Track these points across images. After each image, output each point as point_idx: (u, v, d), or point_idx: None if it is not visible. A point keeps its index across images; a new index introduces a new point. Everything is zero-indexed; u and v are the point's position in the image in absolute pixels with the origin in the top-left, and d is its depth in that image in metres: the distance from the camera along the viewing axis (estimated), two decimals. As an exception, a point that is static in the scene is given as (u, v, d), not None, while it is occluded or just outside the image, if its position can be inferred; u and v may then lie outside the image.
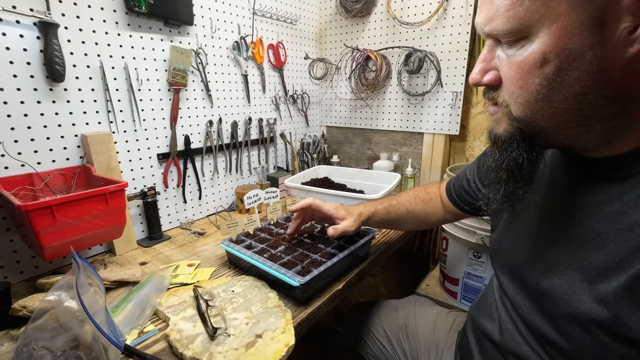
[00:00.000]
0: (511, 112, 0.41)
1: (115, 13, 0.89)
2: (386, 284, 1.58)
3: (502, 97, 0.42)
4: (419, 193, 0.85)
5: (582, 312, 0.41)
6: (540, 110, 0.39)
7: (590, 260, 0.41)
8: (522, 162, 0.43)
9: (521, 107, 0.40)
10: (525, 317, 0.51)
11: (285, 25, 1.43)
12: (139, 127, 0.99)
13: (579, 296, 0.41)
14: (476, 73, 0.43)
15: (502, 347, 0.56)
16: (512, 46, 0.38)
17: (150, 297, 0.70)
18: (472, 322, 0.66)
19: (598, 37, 0.34)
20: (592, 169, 0.44)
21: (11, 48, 0.74)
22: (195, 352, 0.55)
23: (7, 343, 0.60)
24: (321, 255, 0.77)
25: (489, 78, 0.42)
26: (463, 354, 0.68)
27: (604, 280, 0.39)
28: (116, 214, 0.78)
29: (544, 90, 0.38)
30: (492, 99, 0.44)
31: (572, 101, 0.37)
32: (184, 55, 1.04)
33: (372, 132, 1.58)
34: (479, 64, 0.43)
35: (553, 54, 0.36)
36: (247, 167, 1.36)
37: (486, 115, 1.32)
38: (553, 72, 0.36)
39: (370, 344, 0.90)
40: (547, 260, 0.48)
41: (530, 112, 0.40)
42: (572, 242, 0.45)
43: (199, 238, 1.05)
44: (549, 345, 0.47)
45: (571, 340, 0.43)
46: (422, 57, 1.30)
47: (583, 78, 0.35)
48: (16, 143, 0.78)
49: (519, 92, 0.39)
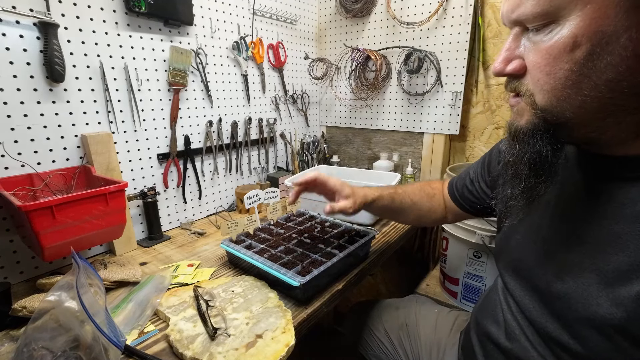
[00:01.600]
0: (535, 102, 0.39)
1: (115, 13, 0.89)
2: (386, 284, 1.59)
3: (525, 87, 0.40)
4: (425, 187, 0.83)
5: (600, 316, 0.39)
6: (568, 98, 0.37)
7: (608, 263, 0.40)
8: (545, 155, 0.41)
9: (547, 95, 0.38)
10: (534, 321, 0.49)
11: (285, 25, 1.43)
12: (139, 127, 0.99)
13: (597, 299, 0.40)
14: (499, 62, 0.41)
15: (507, 352, 0.54)
16: (539, 32, 0.37)
17: (151, 297, 0.70)
18: (476, 324, 0.64)
19: (635, 18, 0.32)
20: (613, 168, 0.42)
21: (11, 48, 0.74)
22: (195, 353, 0.55)
23: (8, 343, 0.60)
24: (321, 255, 0.77)
25: (513, 67, 0.40)
26: (466, 356, 0.67)
27: (624, 283, 0.38)
28: (116, 214, 0.78)
29: (573, 77, 0.36)
30: (515, 90, 0.42)
31: (603, 89, 0.35)
32: (184, 56, 1.04)
33: (372, 132, 1.58)
34: (503, 53, 0.41)
35: (585, 37, 0.34)
36: (247, 167, 1.36)
37: (486, 115, 1.33)
38: (584, 56, 0.34)
39: (371, 343, 0.90)
40: (559, 262, 0.46)
41: (556, 101, 0.38)
42: (587, 243, 0.43)
43: (199, 238, 1.05)
44: (561, 350, 0.45)
45: (587, 344, 0.42)
46: (422, 57, 1.30)
47: (616, 63, 0.33)
48: (16, 143, 0.78)
49: (545, 79, 0.38)
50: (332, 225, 0.95)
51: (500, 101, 1.28)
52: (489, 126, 1.34)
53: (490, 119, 1.32)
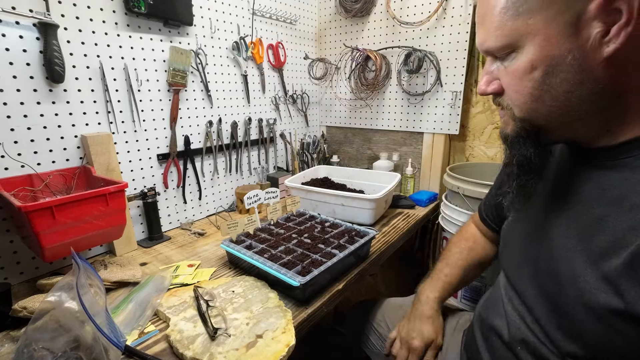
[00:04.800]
0: (514, 114, 0.47)
1: (114, 14, 0.89)
2: (386, 284, 1.59)
3: (506, 102, 0.48)
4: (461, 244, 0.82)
5: (588, 292, 0.43)
6: (537, 109, 0.44)
7: (592, 243, 0.44)
8: (529, 156, 0.48)
9: (520, 108, 0.46)
10: (531, 308, 0.52)
11: (284, 26, 1.43)
12: (138, 128, 0.99)
13: (584, 277, 0.43)
14: (482, 84, 0.50)
15: (510, 342, 0.56)
16: (505, 59, 0.45)
17: (151, 297, 0.70)
18: (480, 320, 0.66)
19: (575, 42, 0.39)
20: (594, 158, 0.48)
21: (11, 49, 0.74)
22: (195, 353, 0.55)
23: (8, 344, 0.60)
24: (321, 255, 0.77)
25: (493, 88, 0.48)
26: (469, 353, 0.68)
27: (605, 259, 0.42)
28: (116, 214, 0.78)
29: (535, 92, 0.43)
30: (499, 104, 0.50)
31: (563, 99, 0.42)
32: (184, 56, 1.04)
33: (372, 132, 1.58)
34: (483, 76, 0.49)
35: (539, 61, 0.41)
36: (247, 168, 1.36)
37: (486, 115, 1.33)
38: (541, 76, 0.42)
39: (374, 340, 0.90)
40: (549, 247, 0.50)
41: (528, 112, 0.45)
42: (574, 227, 0.47)
43: (199, 238, 1.05)
44: (554, 330, 0.48)
45: (576, 323, 0.45)
46: (422, 57, 1.30)
47: (569, 78, 0.41)
48: (16, 144, 0.78)
49: (516, 97, 0.45)
50: (332, 225, 0.95)
51: (500, 101, 1.28)
52: (488, 126, 1.34)
53: (490, 118, 1.32)
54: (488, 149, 1.36)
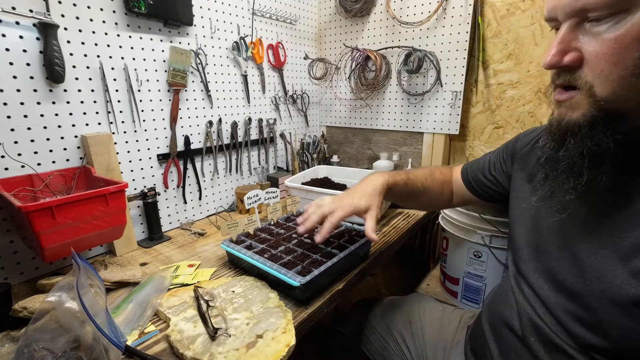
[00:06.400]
0: (595, 93, 0.39)
1: (114, 14, 0.89)
2: (386, 284, 1.59)
3: (583, 79, 0.40)
4: (435, 172, 0.82)
5: (616, 287, 0.41)
6: (634, 87, 0.38)
7: (625, 239, 0.42)
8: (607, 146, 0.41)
9: (611, 85, 0.38)
10: (546, 299, 0.51)
11: (284, 26, 1.43)
12: (138, 128, 0.99)
13: (613, 272, 0.42)
14: (554, 55, 0.41)
15: (521, 331, 0.55)
16: (601, 22, 0.37)
17: (151, 297, 0.70)
18: (488, 312, 0.65)
19: None
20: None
21: (11, 49, 0.74)
22: (196, 353, 0.55)
23: (8, 344, 0.60)
24: (321, 255, 0.77)
25: (571, 58, 0.40)
26: (476, 346, 0.67)
27: (637, 256, 0.40)
28: (116, 214, 0.78)
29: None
30: (567, 83, 0.42)
31: None
32: (184, 56, 1.04)
33: (372, 131, 1.58)
34: (557, 46, 0.41)
35: None
36: (247, 168, 1.36)
37: (486, 115, 1.32)
38: None
39: (373, 340, 0.90)
40: (576, 242, 0.48)
41: (620, 90, 0.38)
42: (605, 226, 0.45)
43: (199, 238, 1.05)
44: (573, 321, 0.47)
45: (597, 316, 0.43)
46: (422, 57, 1.30)
47: None
48: (16, 144, 0.78)
49: (611, 69, 0.38)
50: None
51: (500, 100, 1.28)
52: (489, 126, 1.34)
53: (490, 118, 1.32)
54: (488, 149, 1.36)
